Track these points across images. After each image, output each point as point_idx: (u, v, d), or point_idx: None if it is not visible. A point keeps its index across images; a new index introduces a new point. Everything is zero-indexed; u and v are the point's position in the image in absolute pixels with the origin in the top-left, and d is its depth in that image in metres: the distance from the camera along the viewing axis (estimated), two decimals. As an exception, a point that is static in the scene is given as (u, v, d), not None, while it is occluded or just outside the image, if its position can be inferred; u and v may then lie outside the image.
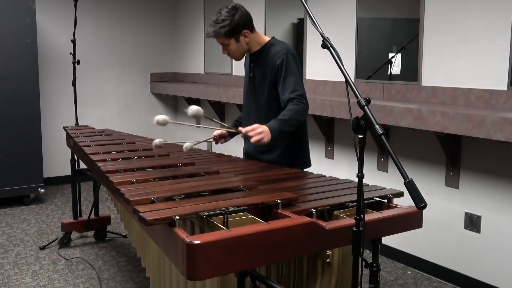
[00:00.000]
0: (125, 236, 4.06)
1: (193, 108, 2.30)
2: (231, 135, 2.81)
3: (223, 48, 2.55)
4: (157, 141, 2.45)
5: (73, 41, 4.21)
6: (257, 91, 2.61)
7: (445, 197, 3.25)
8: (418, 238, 3.41)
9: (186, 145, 2.53)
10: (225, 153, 2.97)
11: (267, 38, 2.60)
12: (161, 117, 2.36)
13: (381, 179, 3.62)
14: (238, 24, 2.46)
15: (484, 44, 2.98)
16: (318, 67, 4.20)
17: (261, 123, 2.53)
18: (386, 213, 1.80)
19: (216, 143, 2.84)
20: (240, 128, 2.36)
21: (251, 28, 2.54)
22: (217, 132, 2.80)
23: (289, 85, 2.43)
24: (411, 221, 1.83)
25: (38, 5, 5.11)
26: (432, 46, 3.29)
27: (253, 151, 2.69)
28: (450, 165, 3.16)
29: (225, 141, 2.84)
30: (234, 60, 5.17)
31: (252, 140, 2.26)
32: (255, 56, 2.61)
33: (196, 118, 2.27)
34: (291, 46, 2.58)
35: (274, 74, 2.50)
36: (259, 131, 2.26)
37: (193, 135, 6.06)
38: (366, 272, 1.69)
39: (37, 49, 4.84)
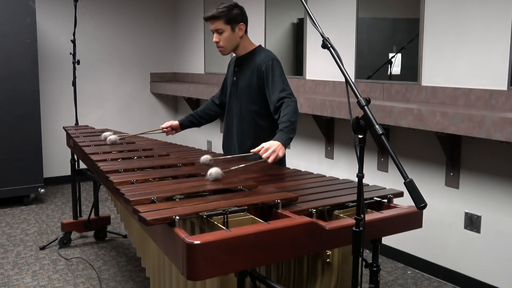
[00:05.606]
0: (125, 236, 4.06)
1: (213, 173, 2.07)
2: (182, 127, 3.05)
3: (216, 35, 2.65)
4: (205, 158, 2.42)
5: (73, 41, 4.21)
6: (240, 95, 2.74)
7: (445, 197, 3.25)
8: (418, 238, 3.41)
9: (111, 137, 2.84)
10: (222, 152, 2.96)
11: (254, 45, 2.75)
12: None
13: (381, 179, 3.62)
14: (237, 15, 2.63)
15: (484, 44, 2.98)
16: (318, 67, 4.20)
17: (244, 125, 2.71)
18: (386, 213, 1.80)
19: (167, 134, 3.10)
20: (252, 151, 2.35)
21: (246, 27, 2.70)
22: (167, 124, 3.06)
23: (278, 86, 2.58)
24: (411, 221, 1.84)
25: (38, 5, 5.11)
26: (432, 46, 3.29)
27: (236, 152, 2.77)
28: (450, 165, 3.16)
29: (176, 132, 3.09)
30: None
31: (270, 160, 2.27)
32: (240, 60, 2.75)
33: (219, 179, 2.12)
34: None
35: (261, 79, 2.64)
36: (273, 150, 2.29)
37: (193, 135, 6.06)
38: (366, 272, 1.69)
39: (37, 49, 4.84)
